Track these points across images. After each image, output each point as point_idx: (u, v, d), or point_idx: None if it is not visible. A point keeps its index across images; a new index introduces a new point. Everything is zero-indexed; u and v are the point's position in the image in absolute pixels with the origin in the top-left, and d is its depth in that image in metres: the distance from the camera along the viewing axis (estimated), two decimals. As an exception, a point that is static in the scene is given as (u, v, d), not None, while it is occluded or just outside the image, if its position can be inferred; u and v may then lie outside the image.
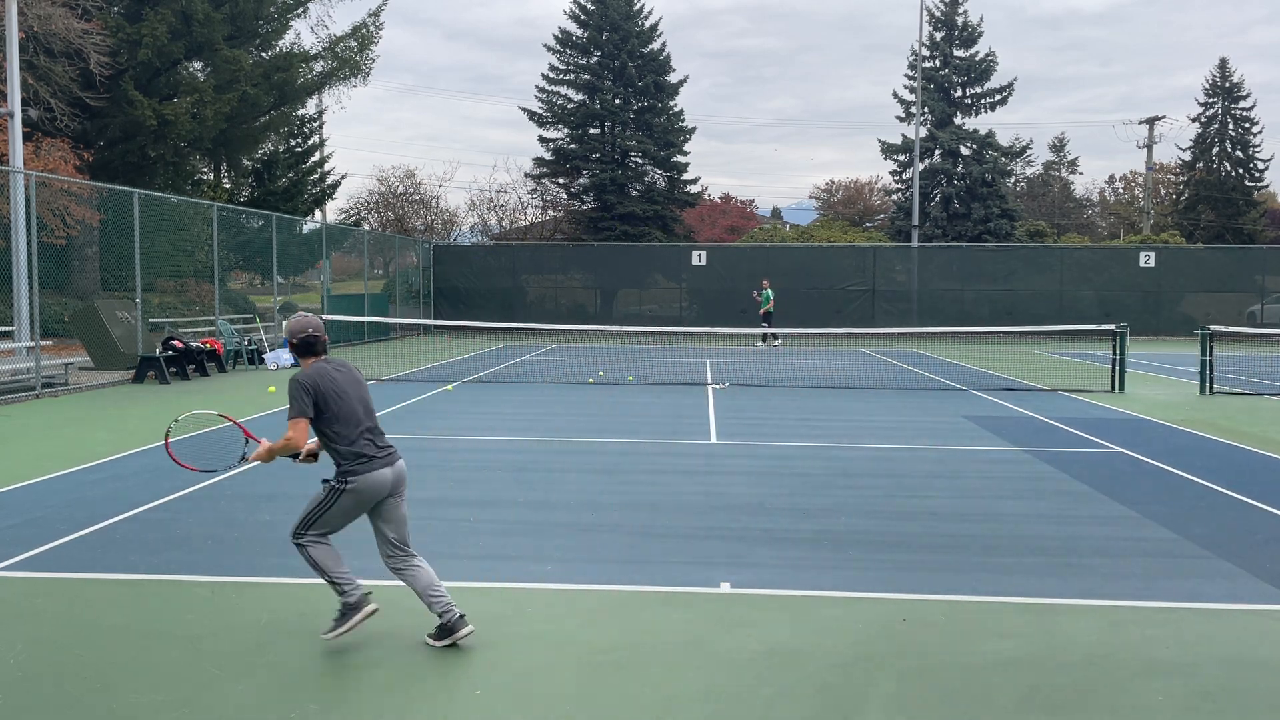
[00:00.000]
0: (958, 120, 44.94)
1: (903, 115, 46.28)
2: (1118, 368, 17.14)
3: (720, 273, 35.48)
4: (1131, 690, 4.65)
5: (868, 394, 16.56)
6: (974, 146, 43.64)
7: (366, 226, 43.90)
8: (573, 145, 44.84)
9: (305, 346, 5.18)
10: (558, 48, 45.05)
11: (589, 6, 44.29)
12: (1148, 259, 35.24)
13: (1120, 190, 70.61)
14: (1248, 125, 52.00)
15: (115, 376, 17.57)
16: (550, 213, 48.68)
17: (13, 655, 4.94)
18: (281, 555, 6.70)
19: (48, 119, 23.52)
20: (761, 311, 28.68)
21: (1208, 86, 52.86)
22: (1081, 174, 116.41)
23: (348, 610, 5.05)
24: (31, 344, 15.59)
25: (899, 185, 47.59)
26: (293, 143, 38.96)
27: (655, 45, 44.78)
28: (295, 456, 5.16)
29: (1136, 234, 49.94)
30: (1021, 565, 6.63)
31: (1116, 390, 16.82)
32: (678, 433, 12.12)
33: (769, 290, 28.90)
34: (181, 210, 24.53)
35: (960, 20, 44.65)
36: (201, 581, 6.12)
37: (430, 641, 5.09)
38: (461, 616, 5.06)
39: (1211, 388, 16.72)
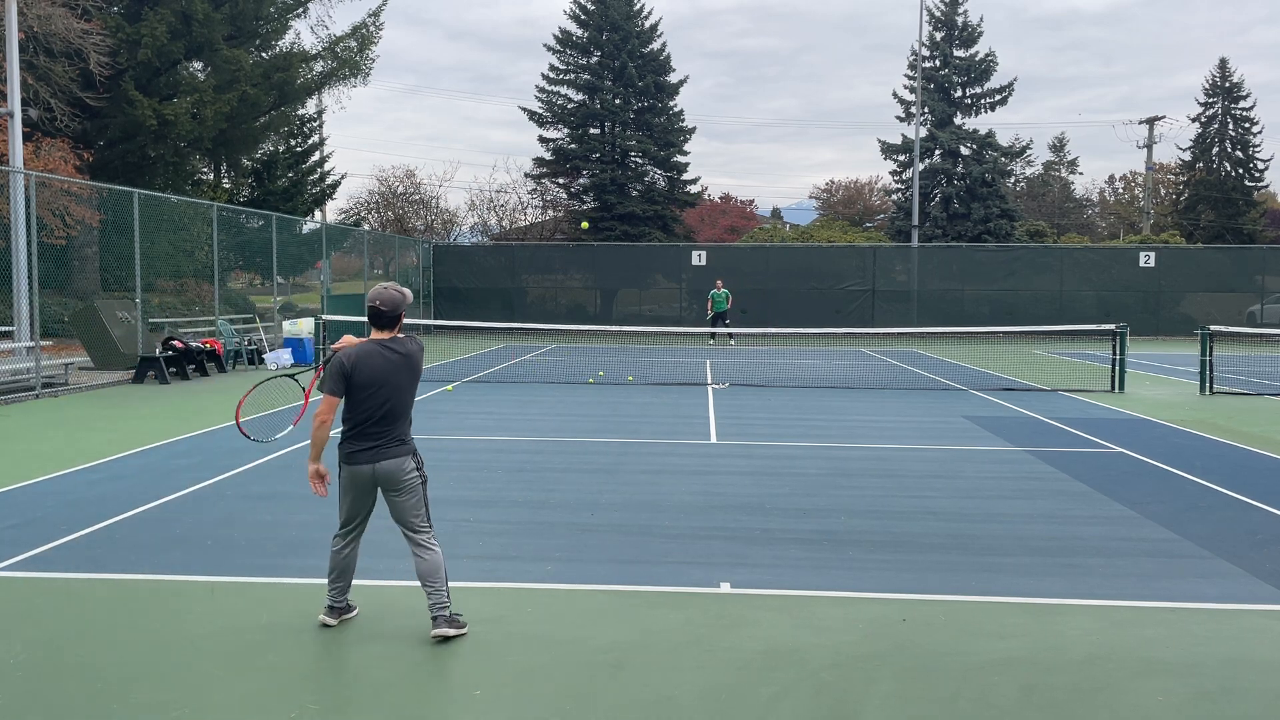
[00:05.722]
0: (958, 120, 44.94)
1: (903, 115, 46.29)
2: (1118, 368, 17.14)
3: (720, 273, 35.44)
4: (1131, 690, 4.65)
5: (868, 394, 16.56)
6: (974, 146, 43.64)
7: (366, 226, 43.89)
8: (573, 145, 44.82)
9: (369, 316, 5.15)
10: (558, 48, 45.03)
11: (589, 6, 44.28)
12: (1148, 259, 35.24)
13: (1120, 190, 70.60)
14: (1248, 125, 51.98)
15: (115, 376, 17.56)
16: (550, 213, 48.69)
17: (13, 655, 4.94)
18: (281, 555, 6.70)
19: (48, 119, 23.51)
20: (716, 312, 29.49)
21: (1208, 86, 52.84)
22: (1081, 174, 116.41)
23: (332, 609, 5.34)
24: (31, 344, 15.59)
25: (899, 185, 47.57)
26: (293, 143, 38.93)
27: (655, 45, 44.77)
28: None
29: (1136, 234, 49.94)
30: (1021, 565, 6.63)
31: (1116, 390, 16.82)
32: (677, 433, 12.12)
33: (724, 290, 29.78)
34: (181, 210, 24.52)
35: (960, 20, 44.64)
36: (201, 581, 6.12)
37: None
38: (438, 618, 5.10)
39: (1211, 388, 16.72)
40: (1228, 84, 52.31)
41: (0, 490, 8.60)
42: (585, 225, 33.69)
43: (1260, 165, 52.15)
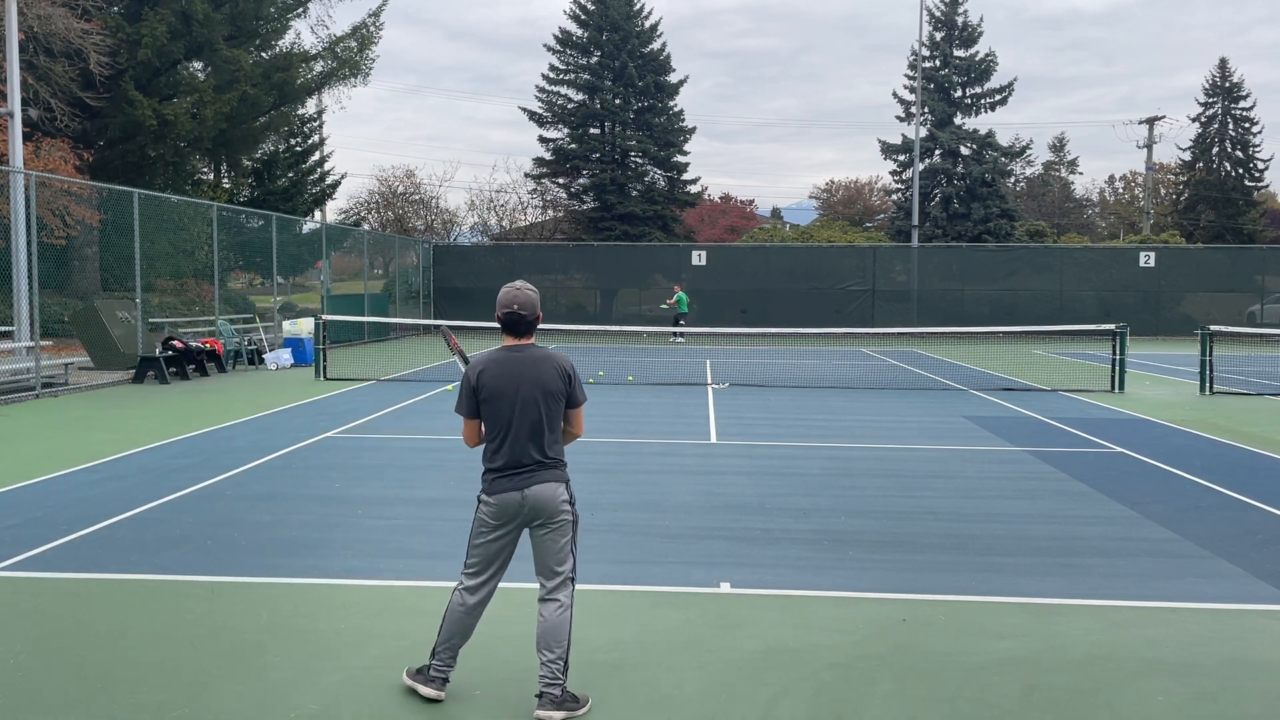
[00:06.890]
0: (958, 120, 44.95)
1: (903, 115, 46.31)
2: (1118, 368, 17.14)
3: (720, 273, 35.48)
4: (1131, 690, 4.65)
5: (868, 394, 16.56)
6: (974, 146, 43.65)
7: (366, 226, 43.90)
8: (573, 145, 44.82)
9: (502, 325, 4.42)
10: (558, 48, 45.03)
11: (589, 6, 44.27)
12: (1148, 259, 35.24)
13: (1120, 190, 70.61)
14: (1248, 125, 51.98)
15: (115, 376, 17.56)
16: (550, 213, 48.70)
17: (13, 655, 4.93)
18: (281, 555, 6.70)
19: (48, 119, 23.51)
20: (672, 306, 30.22)
21: (1208, 86, 52.85)
22: (1081, 174, 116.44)
23: (421, 671, 4.54)
24: (31, 344, 15.59)
25: (899, 185, 47.58)
26: (293, 143, 38.95)
27: (655, 45, 44.77)
28: None
29: (1136, 234, 49.94)
30: (1021, 565, 6.63)
31: (1116, 390, 16.82)
32: (678, 432, 12.11)
33: (682, 294, 30.60)
34: (181, 210, 24.51)
35: (960, 20, 44.65)
36: (201, 581, 6.11)
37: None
38: (545, 696, 4.26)
39: (1211, 388, 16.72)
40: (1228, 84, 52.31)
41: (0, 490, 8.60)
42: None
43: (1260, 165, 52.18)
